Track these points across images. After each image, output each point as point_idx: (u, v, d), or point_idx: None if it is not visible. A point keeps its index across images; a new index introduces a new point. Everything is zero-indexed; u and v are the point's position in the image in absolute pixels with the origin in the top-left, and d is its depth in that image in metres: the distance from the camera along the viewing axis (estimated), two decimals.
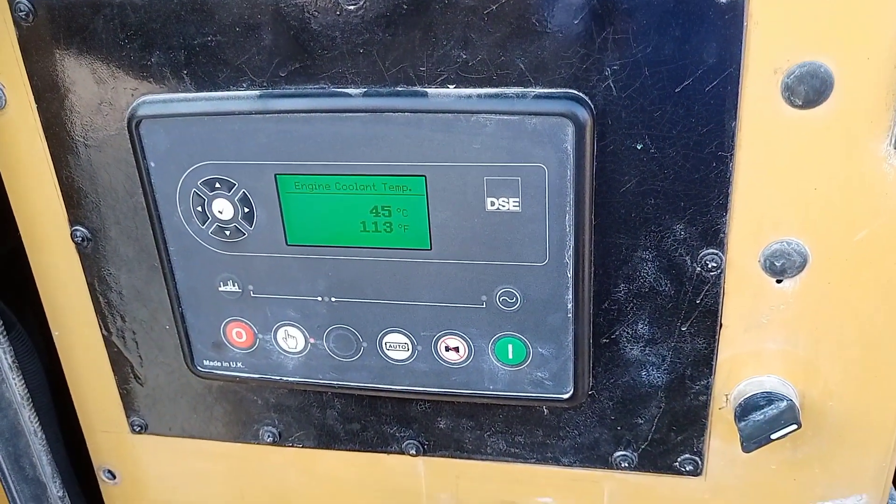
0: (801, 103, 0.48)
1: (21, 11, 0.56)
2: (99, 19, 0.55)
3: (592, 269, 0.56)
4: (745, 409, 0.57)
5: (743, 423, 0.56)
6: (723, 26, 0.47)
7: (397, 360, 0.62)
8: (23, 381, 0.69)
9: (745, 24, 0.47)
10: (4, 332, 0.67)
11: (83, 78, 0.57)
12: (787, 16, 0.47)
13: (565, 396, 0.60)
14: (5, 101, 0.60)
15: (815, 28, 0.47)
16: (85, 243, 0.65)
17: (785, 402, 0.55)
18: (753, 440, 0.56)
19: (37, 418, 0.70)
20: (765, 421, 0.55)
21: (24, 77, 0.59)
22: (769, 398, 0.56)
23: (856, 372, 0.57)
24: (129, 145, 0.57)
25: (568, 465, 0.65)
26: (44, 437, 0.71)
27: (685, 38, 0.48)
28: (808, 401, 0.58)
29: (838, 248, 0.52)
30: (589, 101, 0.51)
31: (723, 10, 0.47)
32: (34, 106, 0.60)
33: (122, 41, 0.55)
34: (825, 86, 0.48)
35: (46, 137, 0.61)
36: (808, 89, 0.48)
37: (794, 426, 0.55)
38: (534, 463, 0.66)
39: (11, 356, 0.68)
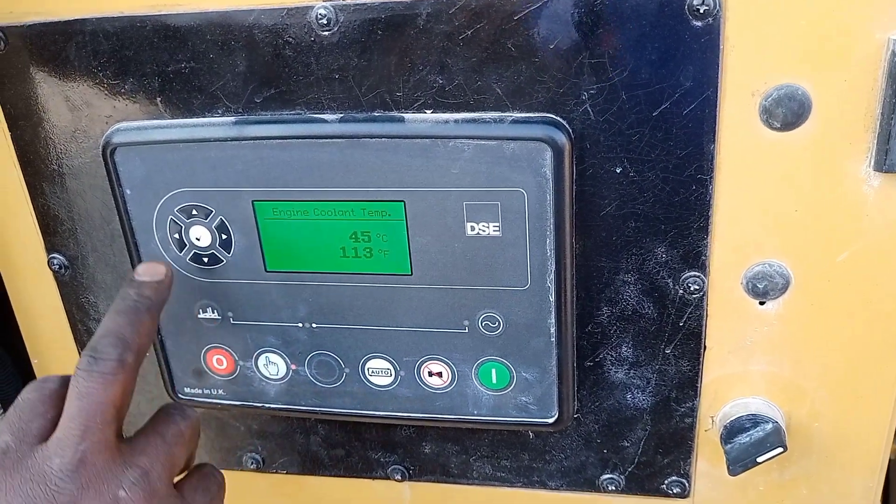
0: (779, 126, 0.48)
1: None
2: (71, 47, 0.54)
3: (574, 292, 0.55)
4: (730, 432, 0.56)
5: (729, 446, 0.56)
6: (699, 49, 0.47)
7: (380, 386, 0.61)
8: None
9: (721, 47, 0.47)
10: None
11: (57, 106, 0.57)
12: (763, 39, 0.46)
13: (550, 420, 0.59)
14: None
15: (791, 51, 0.46)
16: (62, 271, 0.64)
17: (770, 425, 0.55)
18: (740, 463, 0.55)
19: None
20: (751, 443, 0.55)
21: None
22: (755, 420, 0.56)
23: (842, 392, 0.56)
24: (105, 173, 0.57)
25: (555, 489, 0.64)
26: None
27: (661, 62, 0.47)
28: (795, 422, 0.58)
29: (820, 270, 0.52)
30: (567, 126, 0.50)
31: (698, 34, 0.46)
32: (7, 134, 0.59)
33: (95, 69, 0.55)
34: (803, 108, 0.47)
35: (21, 166, 0.60)
36: (786, 112, 0.47)
37: (780, 449, 0.54)
38: (520, 487, 0.65)
39: None
